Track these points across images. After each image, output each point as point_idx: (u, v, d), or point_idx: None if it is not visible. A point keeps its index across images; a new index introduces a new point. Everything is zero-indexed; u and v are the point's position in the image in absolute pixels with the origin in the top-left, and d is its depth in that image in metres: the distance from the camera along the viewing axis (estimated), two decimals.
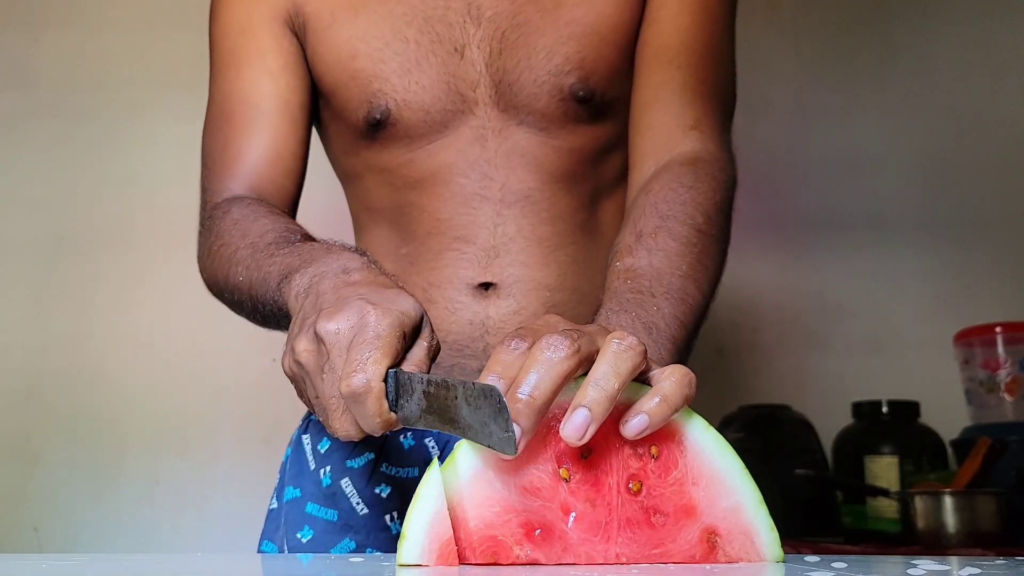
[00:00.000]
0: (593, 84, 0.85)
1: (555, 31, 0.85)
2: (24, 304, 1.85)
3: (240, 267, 0.73)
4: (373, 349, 0.52)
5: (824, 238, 1.97)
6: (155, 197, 1.86)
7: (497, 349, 0.50)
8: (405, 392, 0.52)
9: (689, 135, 0.82)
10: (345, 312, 0.54)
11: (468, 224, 0.84)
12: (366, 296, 0.56)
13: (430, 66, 0.84)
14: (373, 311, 0.54)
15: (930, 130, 1.99)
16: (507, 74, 0.84)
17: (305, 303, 0.60)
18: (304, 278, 0.63)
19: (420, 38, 0.85)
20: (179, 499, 1.78)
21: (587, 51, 0.85)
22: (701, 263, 0.72)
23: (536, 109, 0.85)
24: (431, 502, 0.47)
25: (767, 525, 0.50)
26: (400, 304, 0.55)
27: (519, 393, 0.47)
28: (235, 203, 0.82)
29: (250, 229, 0.76)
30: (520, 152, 0.85)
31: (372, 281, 0.59)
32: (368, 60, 0.85)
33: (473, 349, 0.83)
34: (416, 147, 0.86)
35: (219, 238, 0.79)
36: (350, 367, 0.52)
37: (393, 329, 0.53)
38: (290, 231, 0.74)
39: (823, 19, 2.04)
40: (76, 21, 1.95)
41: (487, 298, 0.83)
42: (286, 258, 0.68)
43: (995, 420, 1.56)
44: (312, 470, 0.88)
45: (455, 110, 0.85)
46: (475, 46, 0.85)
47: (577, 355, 0.49)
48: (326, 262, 0.63)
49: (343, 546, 0.84)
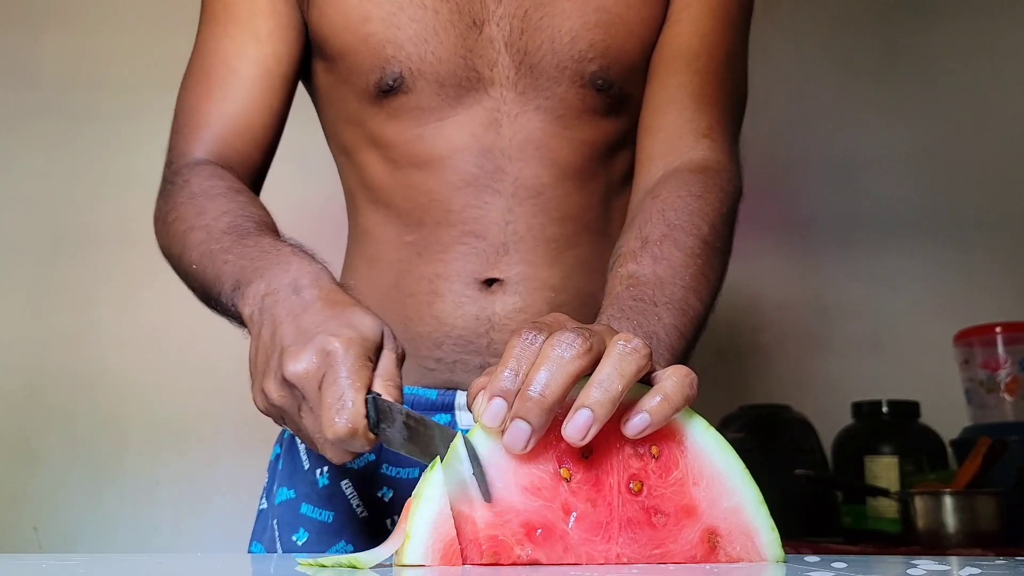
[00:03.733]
0: (614, 75, 0.84)
1: (582, 16, 0.83)
2: (24, 304, 1.85)
3: (194, 252, 0.73)
4: (347, 388, 0.53)
5: (824, 238, 1.97)
6: (155, 197, 1.85)
7: (512, 341, 0.50)
8: (386, 418, 0.54)
9: (701, 142, 0.81)
10: (307, 351, 0.55)
11: (479, 218, 0.83)
12: (324, 327, 0.56)
13: (448, 37, 0.82)
14: (337, 344, 0.54)
15: (930, 130, 1.99)
16: (528, 55, 0.82)
17: (262, 331, 0.60)
18: (256, 294, 0.63)
19: (438, 6, 0.82)
20: (179, 499, 1.78)
21: (612, 40, 0.83)
22: (704, 275, 0.72)
23: (555, 94, 0.83)
24: (434, 502, 0.47)
25: (768, 525, 0.50)
26: (359, 327, 0.56)
27: (530, 391, 0.47)
28: (196, 172, 0.81)
29: (206, 208, 0.75)
30: (535, 143, 0.83)
31: (325, 299, 0.59)
32: (381, 24, 0.82)
33: (478, 345, 0.82)
34: (426, 122, 0.83)
35: (174, 209, 0.78)
36: (329, 413, 0.53)
37: (360, 359, 0.54)
38: (245, 215, 0.73)
39: (823, 19, 2.04)
40: (76, 21, 1.95)
41: (493, 294, 0.83)
42: (240, 260, 0.67)
43: (995, 420, 1.56)
44: (307, 470, 0.87)
45: (470, 87, 0.83)
46: (495, 23, 0.82)
47: (589, 354, 0.49)
48: (276, 275, 0.63)
49: (338, 549, 0.83)
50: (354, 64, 0.84)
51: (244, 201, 0.76)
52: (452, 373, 0.83)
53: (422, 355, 0.83)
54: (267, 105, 0.85)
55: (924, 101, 1.99)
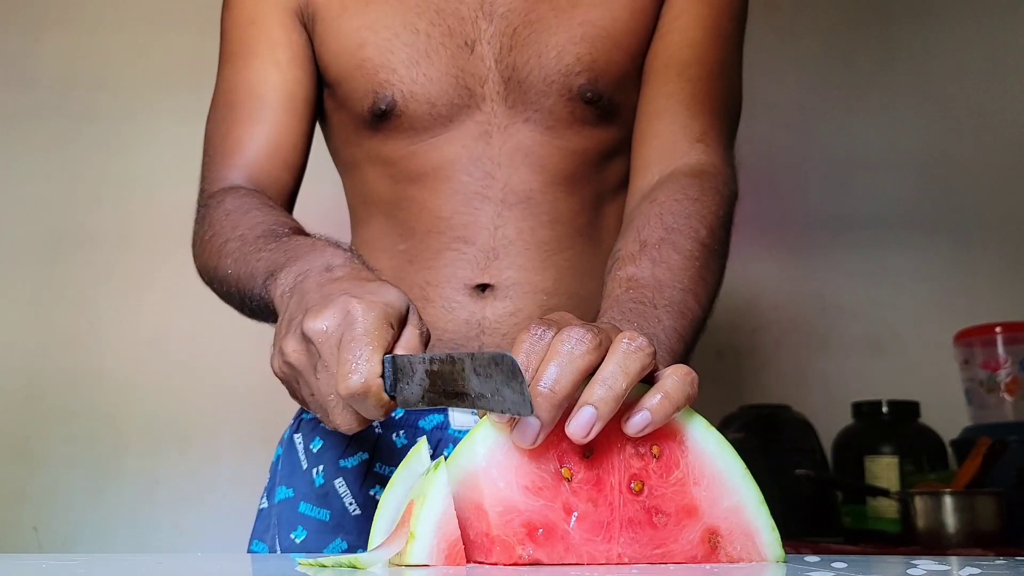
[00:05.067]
0: (602, 87, 0.85)
1: (568, 31, 0.84)
2: (24, 304, 1.85)
3: (229, 259, 0.74)
4: (364, 345, 0.53)
5: (824, 238, 1.97)
6: (155, 197, 1.86)
7: (521, 335, 0.50)
8: (404, 375, 0.53)
9: (695, 147, 0.82)
10: (331, 309, 0.55)
11: (469, 224, 0.84)
12: (349, 291, 0.56)
13: (439, 59, 0.84)
14: (358, 305, 0.54)
15: (930, 130, 1.99)
16: (516, 71, 0.84)
17: (291, 303, 0.61)
18: (289, 276, 0.64)
19: (431, 30, 0.84)
20: (179, 499, 1.78)
21: (599, 53, 0.85)
22: (702, 277, 0.73)
23: (543, 107, 0.85)
24: (438, 502, 0.47)
25: (768, 525, 0.51)
26: (384, 295, 0.56)
27: (540, 386, 0.47)
28: (230, 193, 0.82)
29: (240, 221, 0.77)
30: (524, 151, 0.85)
31: (355, 276, 0.60)
32: (376, 50, 0.84)
33: (469, 349, 0.83)
34: (419, 140, 0.85)
35: (211, 227, 0.80)
36: (344, 367, 0.53)
37: (380, 321, 0.54)
38: (279, 224, 0.74)
39: (823, 19, 2.05)
40: (76, 21, 1.95)
41: (484, 299, 0.83)
42: (272, 254, 0.69)
43: (995, 420, 1.56)
44: (304, 469, 0.88)
45: (462, 104, 0.84)
46: (486, 42, 0.84)
47: (598, 350, 0.49)
48: (310, 259, 0.64)
49: (335, 546, 0.84)
50: (350, 89, 0.86)
51: (278, 213, 0.78)
52: None
53: None
54: (294, 127, 0.88)
55: (924, 101, 1.99)
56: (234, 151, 0.86)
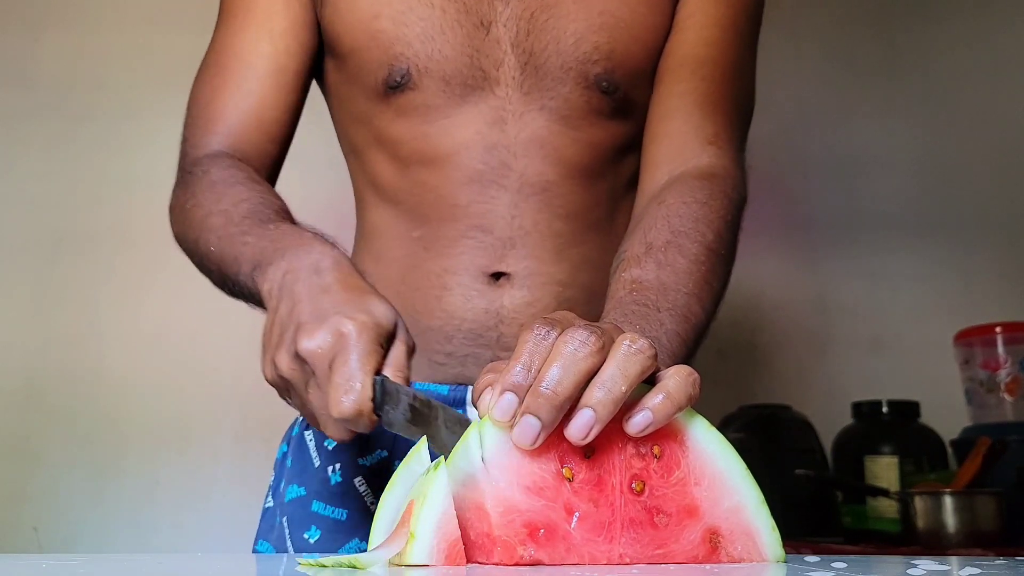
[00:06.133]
0: (618, 78, 0.84)
1: (587, 19, 0.84)
2: (24, 304, 1.85)
3: (212, 235, 0.75)
4: (356, 370, 0.56)
5: (824, 238, 1.97)
6: (155, 197, 1.83)
7: (525, 335, 0.50)
8: (391, 400, 0.55)
9: (707, 149, 0.81)
10: (323, 329, 0.57)
11: (485, 213, 0.84)
12: (342, 310, 0.59)
13: (455, 35, 0.83)
14: (352, 327, 0.57)
15: (930, 130, 1.99)
16: (534, 56, 0.83)
17: (280, 306, 0.62)
18: (277, 272, 0.65)
19: (446, 5, 0.83)
20: (179, 499, 1.78)
21: (616, 44, 0.84)
22: (707, 282, 0.72)
23: (560, 95, 0.84)
24: (439, 502, 0.47)
25: (769, 525, 0.50)
26: (375, 314, 0.59)
27: (542, 387, 0.47)
28: (215, 162, 0.82)
29: (225, 194, 0.77)
30: (540, 140, 0.84)
31: (344, 283, 0.62)
32: (390, 22, 0.83)
33: (487, 338, 0.82)
34: (432, 120, 0.84)
35: (193, 197, 0.80)
36: (337, 391, 0.55)
37: (372, 344, 0.57)
38: (264, 203, 0.75)
39: (823, 19, 2.05)
40: (76, 21, 1.95)
41: (501, 287, 0.83)
42: (259, 241, 0.69)
43: (995, 420, 1.56)
44: (317, 467, 0.87)
45: (475, 86, 0.84)
46: (502, 24, 0.84)
47: (601, 352, 0.48)
48: (298, 256, 0.65)
49: (351, 547, 0.83)
50: (363, 61, 0.85)
51: (262, 190, 0.78)
52: (463, 367, 0.83)
53: (432, 349, 0.84)
54: (280, 100, 0.87)
55: (924, 101, 1.99)
56: (219, 117, 0.86)
